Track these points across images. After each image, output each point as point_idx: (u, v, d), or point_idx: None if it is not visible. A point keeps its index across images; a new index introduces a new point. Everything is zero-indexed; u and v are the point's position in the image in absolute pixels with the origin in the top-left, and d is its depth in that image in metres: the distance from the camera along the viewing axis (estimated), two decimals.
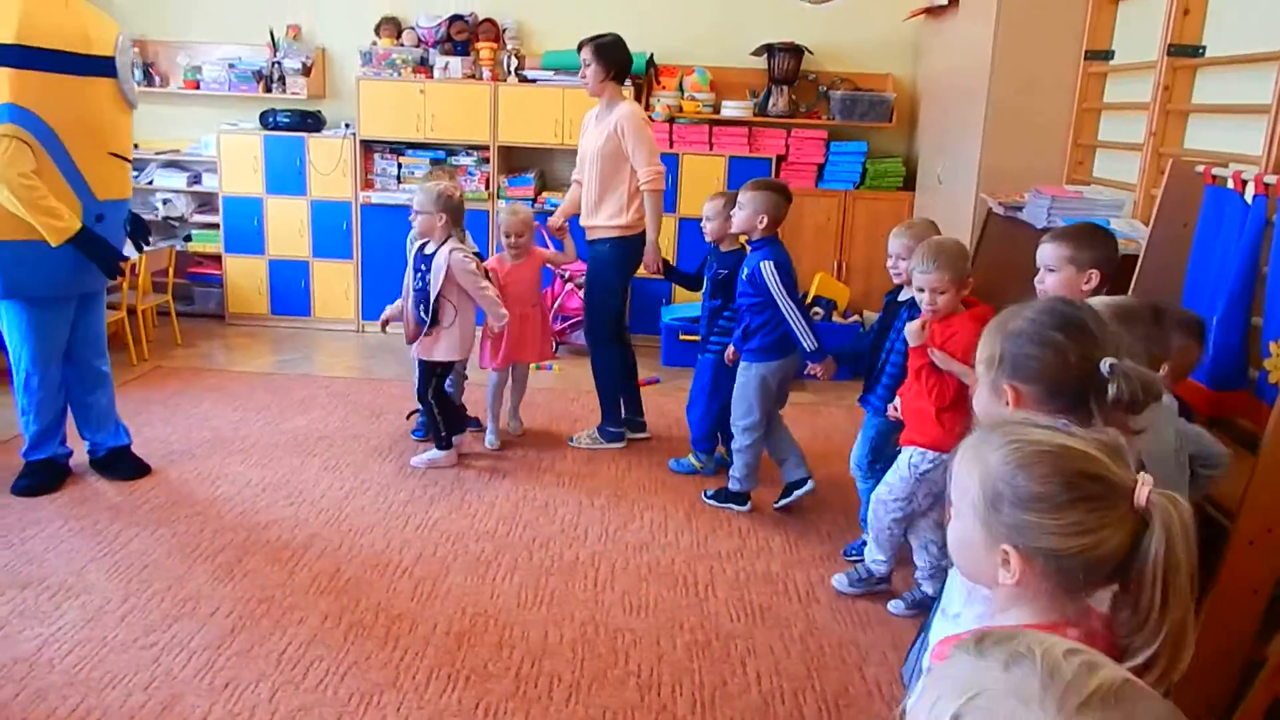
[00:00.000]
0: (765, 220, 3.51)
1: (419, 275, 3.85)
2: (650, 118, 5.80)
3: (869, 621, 2.96)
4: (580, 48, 4.09)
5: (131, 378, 5.01)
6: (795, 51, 5.81)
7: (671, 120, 5.82)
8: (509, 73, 5.83)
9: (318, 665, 2.59)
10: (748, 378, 3.61)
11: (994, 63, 4.48)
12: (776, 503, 3.71)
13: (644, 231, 4.14)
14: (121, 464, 3.76)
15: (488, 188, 5.91)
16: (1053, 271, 2.46)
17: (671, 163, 5.78)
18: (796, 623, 2.94)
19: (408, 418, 4.41)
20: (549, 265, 4.53)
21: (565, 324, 5.74)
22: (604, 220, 4.14)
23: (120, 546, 3.20)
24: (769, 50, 5.81)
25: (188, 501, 3.57)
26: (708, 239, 3.87)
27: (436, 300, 3.77)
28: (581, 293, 5.04)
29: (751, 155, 5.82)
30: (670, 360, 5.53)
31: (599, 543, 3.40)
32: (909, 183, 5.88)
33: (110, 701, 2.39)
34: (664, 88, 5.92)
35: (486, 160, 5.91)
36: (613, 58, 4.07)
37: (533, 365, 4.62)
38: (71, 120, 3.27)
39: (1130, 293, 3.11)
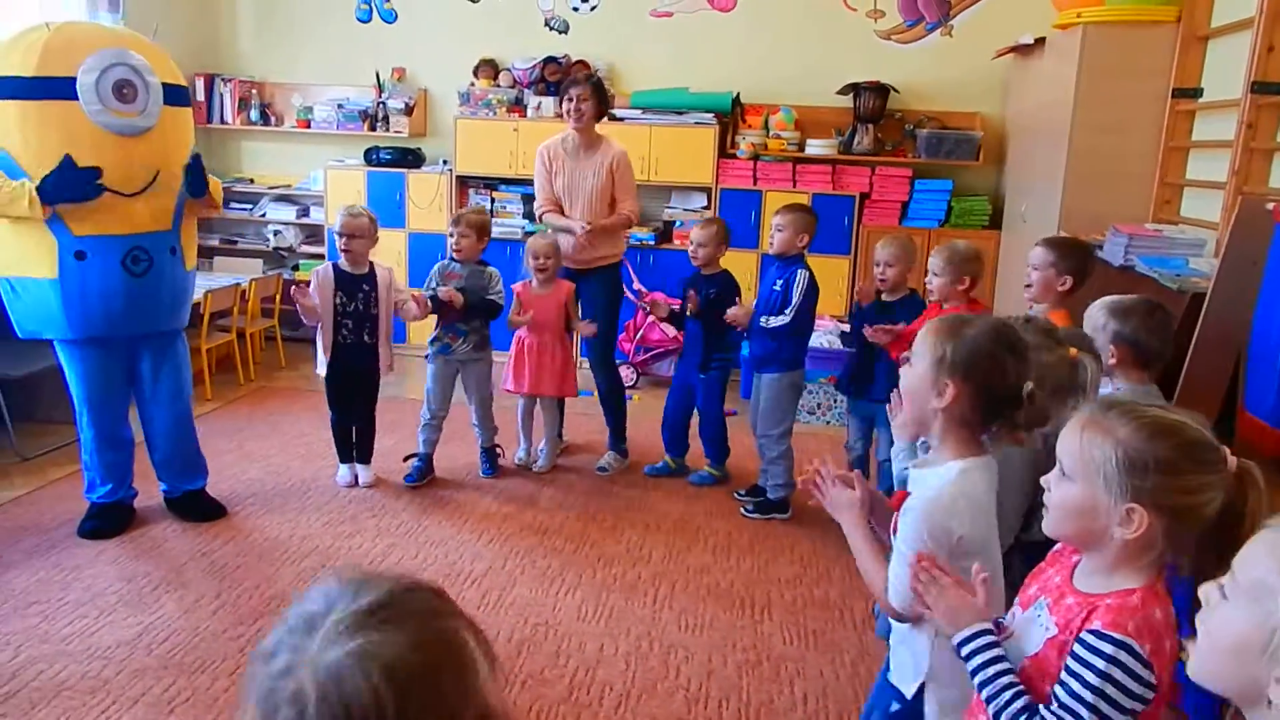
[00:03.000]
0: (805, 239, 3.88)
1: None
2: (735, 155, 5.98)
3: None
4: (573, 85, 4.29)
5: (238, 396, 5.36)
6: (881, 90, 5.88)
7: (756, 158, 5.95)
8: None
9: None
10: (779, 387, 3.90)
11: (1076, 101, 4.48)
12: (746, 508, 3.99)
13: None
14: (195, 507, 3.71)
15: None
16: (1037, 270, 2.92)
17: (754, 200, 5.91)
18: (849, 649, 2.98)
19: (405, 460, 4.30)
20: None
21: (648, 354, 5.88)
22: (606, 250, 4.39)
23: (218, 548, 3.46)
24: (855, 89, 5.90)
25: (280, 511, 3.82)
26: (700, 264, 4.14)
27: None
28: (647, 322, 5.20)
29: (835, 192, 5.90)
30: (749, 392, 5.60)
31: (662, 564, 3.50)
32: (995, 221, 5.86)
33: (199, 684, 2.61)
34: (749, 126, 6.06)
35: None
36: (604, 97, 4.39)
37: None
38: (28, 148, 3.12)
39: (1197, 331, 3.09)
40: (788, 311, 3.80)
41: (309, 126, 6.52)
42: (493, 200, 6.24)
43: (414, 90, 6.46)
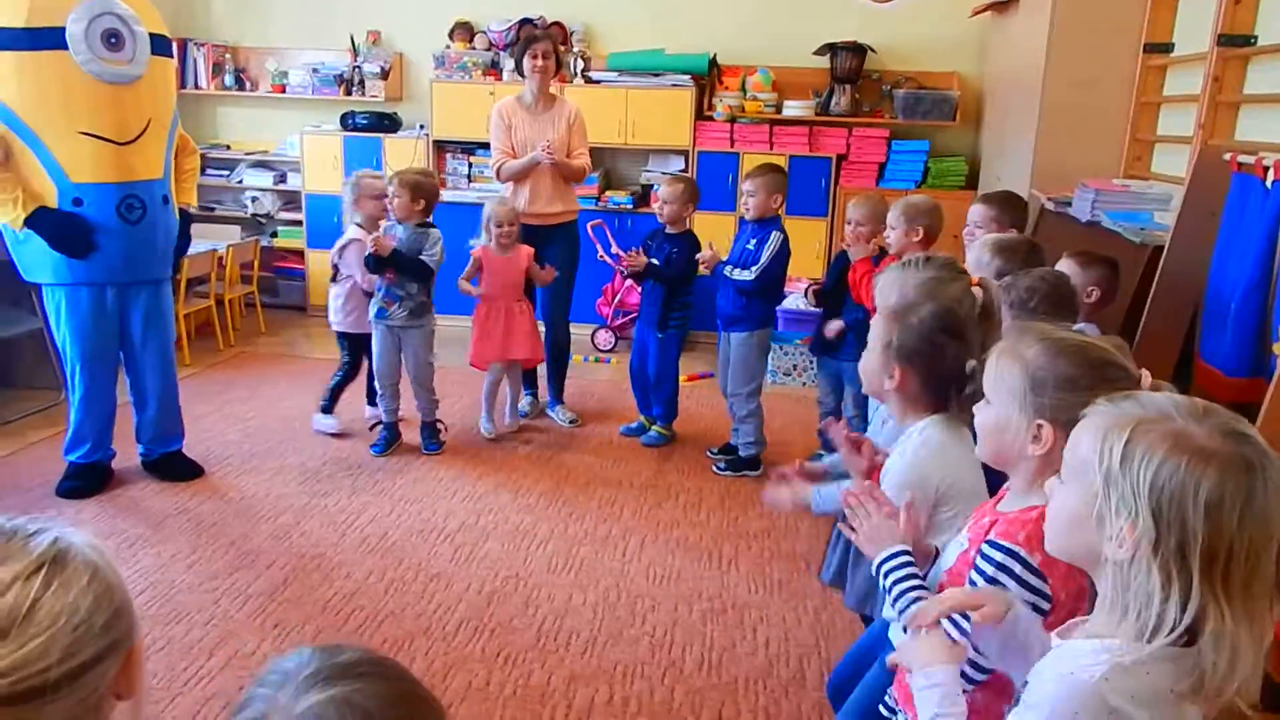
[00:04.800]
0: (779, 199, 3.92)
1: None
2: (712, 117, 5.99)
3: None
4: (539, 40, 4.41)
5: (218, 361, 5.39)
6: (858, 51, 5.88)
7: (733, 120, 5.95)
8: (575, 74, 6.04)
9: (358, 614, 2.83)
10: (748, 347, 3.94)
11: (1049, 58, 4.48)
12: (718, 465, 4.06)
13: None
14: (173, 468, 3.76)
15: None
16: (980, 228, 3.02)
17: (731, 162, 5.92)
18: (812, 597, 3.05)
19: (371, 428, 4.31)
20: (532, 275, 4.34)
21: (625, 318, 5.91)
22: (565, 206, 4.51)
23: (196, 506, 3.50)
24: (832, 50, 5.89)
25: (257, 471, 3.86)
26: (665, 222, 4.18)
27: None
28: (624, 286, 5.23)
29: (812, 154, 5.91)
30: None
31: (632, 520, 3.56)
32: (972, 182, 5.88)
33: (174, 634, 2.67)
34: (726, 88, 6.06)
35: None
36: (559, 56, 4.49)
37: (591, 358, 4.82)
38: (24, 98, 3.19)
39: (1155, 282, 3.14)
40: (753, 269, 3.84)
41: (284, 91, 6.49)
42: (470, 165, 6.25)
43: (389, 54, 6.43)
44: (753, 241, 3.92)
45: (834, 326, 3.76)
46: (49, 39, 3.16)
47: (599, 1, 6.19)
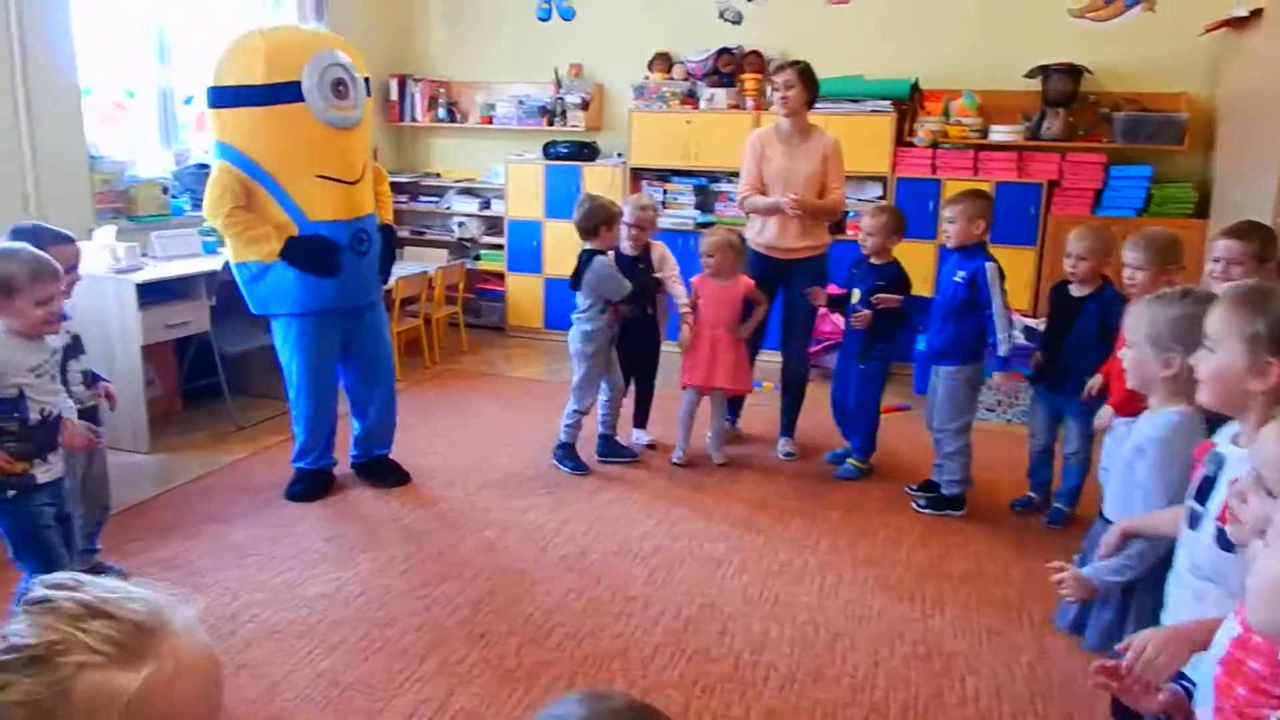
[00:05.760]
0: (982, 226, 3.73)
1: None
2: (913, 143, 5.84)
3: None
4: (781, 70, 4.29)
5: (425, 378, 5.68)
6: (1073, 72, 5.59)
7: (935, 145, 5.78)
8: (772, 102, 6.02)
9: (559, 630, 2.88)
10: (957, 381, 3.80)
11: None
12: (918, 503, 3.91)
13: None
14: (383, 471, 3.99)
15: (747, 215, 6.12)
16: (1239, 265, 2.82)
17: (932, 189, 5.74)
18: (1027, 650, 2.88)
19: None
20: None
21: (819, 346, 5.82)
22: (813, 240, 4.35)
23: (407, 515, 3.69)
24: (1044, 71, 5.63)
25: (461, 484, 4.03)
26: (869, 253, 4.08)
27: None
28: (830, 315, 5.12)
29: (1020, 180, 5.66)
30: (924, 388, 5.46)
31: (829, 553, 3.48)
32: (1201, 210, 5.46)
33: (389, 636, 2.81)
34: (928, 112, 5.90)
35: None
36: (813, 83, 4.29)
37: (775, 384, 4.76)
38: (266, 150, 3.45)
39: None
40: (1014, 329, 3.73)
41: (491, 122, 6.80)
42: (665, 192, 6.33)
43: (590, 85, 6.64)
44: (960, 273, 3.76)
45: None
46: (285, 94, 3.40)
47: (798, 29, 6.16)
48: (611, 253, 4.27)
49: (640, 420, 4.60)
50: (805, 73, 4.23)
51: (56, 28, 4.31)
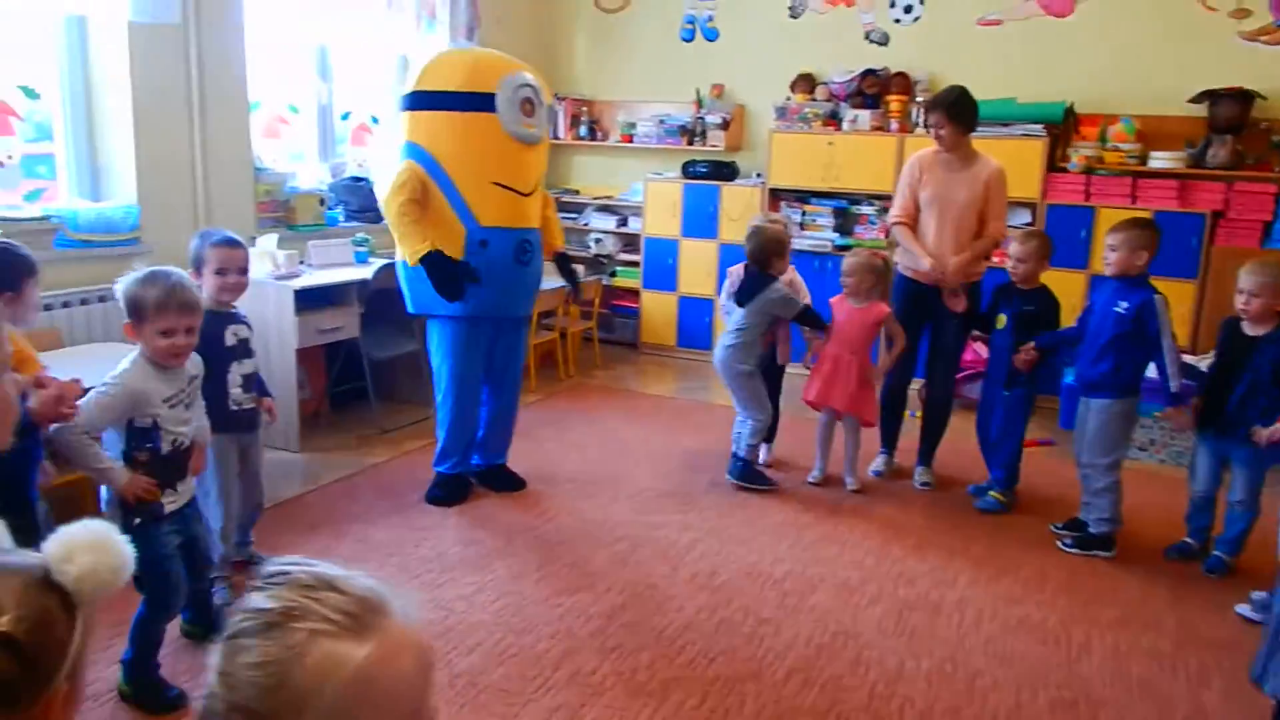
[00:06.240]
0: (1145, 258, 3.57)
1: None
2: (1066, 169, 5.63)
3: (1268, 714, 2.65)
4: (930, 111, 4.16)
5: (558, 390, 5.78)
6: (1243, 97, 5.30)
7: (1089, 172, 5.56)
8: (917, 124, 5.93)
9: (690, 648, 2.88)
10: (1112, 414, 3.63)
11: None
12: (1064, 542, 3.75)
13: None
14: (501, 478, 4.10)
15: (887, 237, 6.02)
16: None
17: (1085, 217, 5.53)
18: (1181, 705, 2.71)
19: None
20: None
21: (960, 375, 5.65)
22: (971, 267, 4.20)
23: (541, 525, 3.75)
24: (1210, 96, 5.36)
25: (594, 497, 4.08)
26: (1018, 280, 3.96)
27: None
28: (972, 344, 4.98)
29: (1181, 210, 5.38)
30: (1070, 423, 5.23)
31: (969, 589, 3.37)
32: None
33: (524, 643, 2.86)
34: (1083, 138, 5.68)
35: (888, 209, 6.02)
36: (966, 114, 4.10)
37: (917, 413, 4.66)
38: (452, 152, 3.65)
39: None
40: (1174, 369, 3.52)
41: (631, 141, 6.90)
42: (803, 213, 6.28)
43: (731, 106, 6.66)
44: (1123, 304, 3.57)
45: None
46: (479, 103, 3.64)
47: (946, 50, 6.04)
48: (741, 266, 4.35)
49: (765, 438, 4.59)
50: (954, 112, 4.05)
51: (231, 47, 4.60)
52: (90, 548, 0.89)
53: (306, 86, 5.47)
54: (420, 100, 3.71)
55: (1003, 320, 4.02)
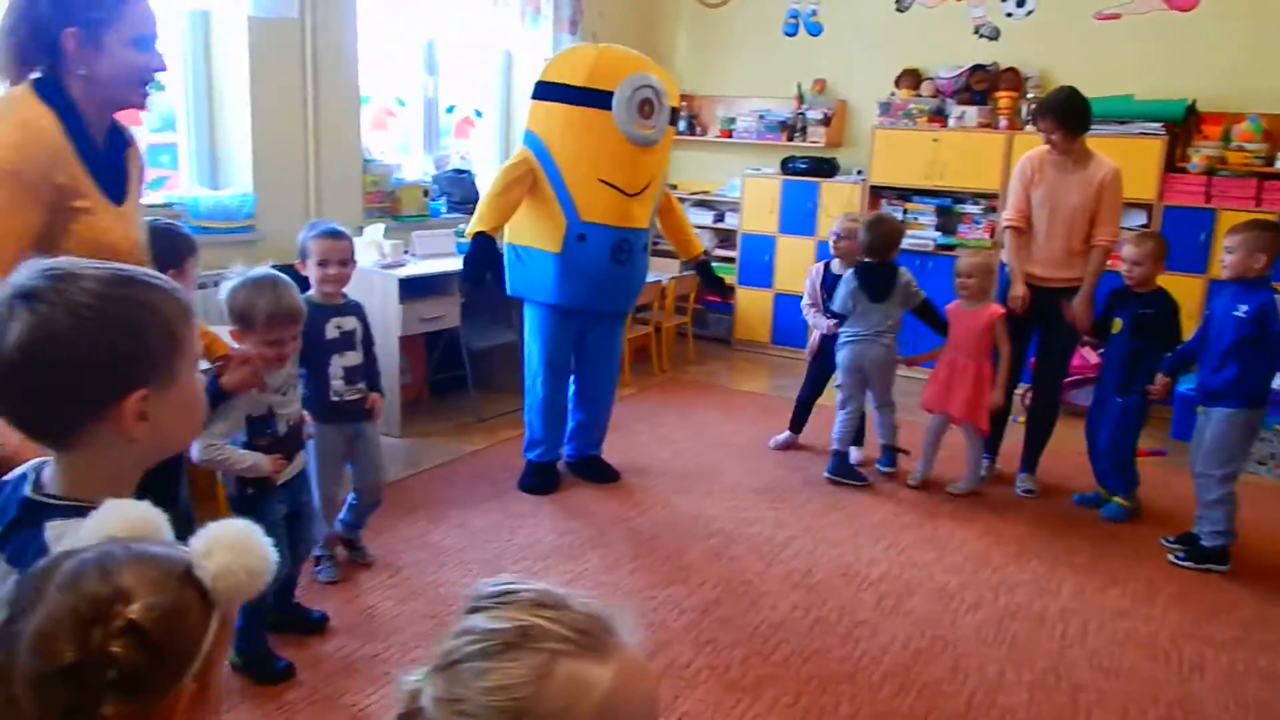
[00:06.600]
0: (1263, 260, 3.43)
1: None
2: (1185, 169, 5.39)
3: None
4: (1039, 117, 4.01)
5: (652, 384, 5.80)
6: None
7: (1210, 172, 5.32)
8: (1026, 121, 5.75)
9: (784, 646, 2.86)
10: (1233, 424, 3.48)
11: None
12: (1176, 555, 3.62)
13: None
14: (595, 469, 4.13)
15: (992, 236, 5.87)
16: None
17: (1205, 219, 5.30)
18: None
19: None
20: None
21: (1066, 380, 5.47)
22: (1078, 272, 4.05)
23: (634, 517, 3.77)
24: None
25: (688, 491, 4.08)
26: (1134, 283, 3.83)
27: None
28: (1081, 349, 4.83)
29: None
30: (1182, 433, 5.02)
31: (1072, 600, 3.26)
32: None
33: None
34: (1205, 137, 5.44)
35: (994, 209, 5.89)
36: (1078, 115, 3.94)
37: (1019, 418, 4.54)
38: (564, 144, 3.71)
39: None
40: None
41: (730, 136, 6.87)
42: (905, 211, 6.16)
43: (833, 101, 6.57)
44: (1242, 308, 3.44)
45: None
46: (597, 99, 3.66)
47: (1060, 45, 5.85)
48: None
49: (796, 427, 4.70)
50: (1064, 116, 3.90)
51: (344, 41, 4.74)
52: (230, 546, 0.86)
53: (413, 80, 5.59)
54: (543, 90, 3.80)
55: (1118, 324, 3.88)
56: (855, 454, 4.46)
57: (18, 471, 1.14)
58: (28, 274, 1.03)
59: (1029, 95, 5.85)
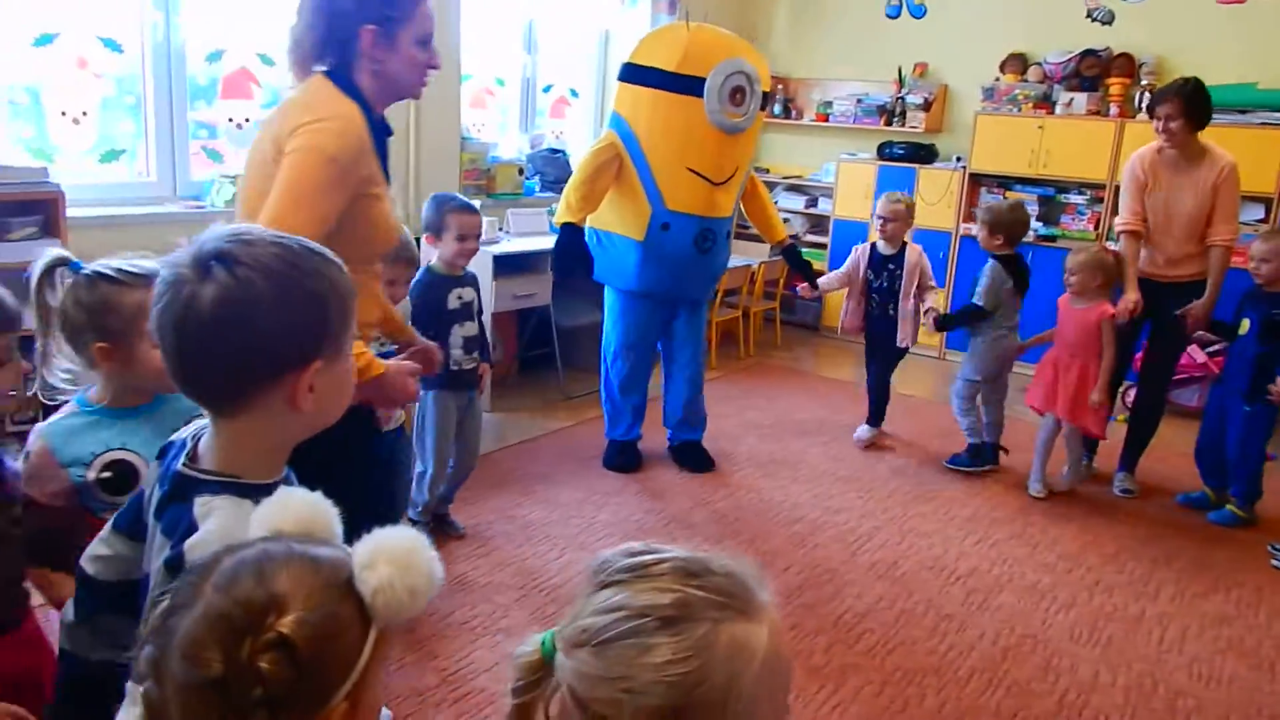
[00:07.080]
0: None
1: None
2: None
3: None
4: (1163, 100, 3.72)
5: (739, 368, 5.78)
6: None
7: None
8: (1139, 109, 5.53)
9: (869, 635, 2.84)
10: None
11: None
12: None
13: None
14: (692, 455, 4.09)
15: (1096, 228, 5.68)
16: None
17: None
18: None
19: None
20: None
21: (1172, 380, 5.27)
22: (1195, 269, 3.87)
23: (718, 500, 3.78)
24: None
25: (772, 476, 4.06)
26: (1263, 282, 3.63)
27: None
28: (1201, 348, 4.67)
29: None
30: None
31: (1171, 604, 3.16)
32: None
33: None
34: None
35: (1099, 200, 5.69)
36: (1202, 107, 3.70)
37: (1120, 417, 4.39)
38: (651, 130, 3.65)
39: None
40: None
41: (827, 120, 6.77)
42: (1005, 199, 5.99)
43: (934, 86, 6.42)
44: None
45: None
46: (688, 86, 3.59)
47: (1179, 31, 5.60)
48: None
49: (874, 419, 4.58)
50: (1192, 100, 3.66)
51: (448, 19, 4.80)
52: (394, 560, 0.80)
53: (512, 59, 5.65)
54: (632, 73, 3.74)
55: (1246, 325, 3.68)
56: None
57: (178, 437, 1.14)
58: (215, 236, 1.01)
59: (1143, 82, 5.62)
